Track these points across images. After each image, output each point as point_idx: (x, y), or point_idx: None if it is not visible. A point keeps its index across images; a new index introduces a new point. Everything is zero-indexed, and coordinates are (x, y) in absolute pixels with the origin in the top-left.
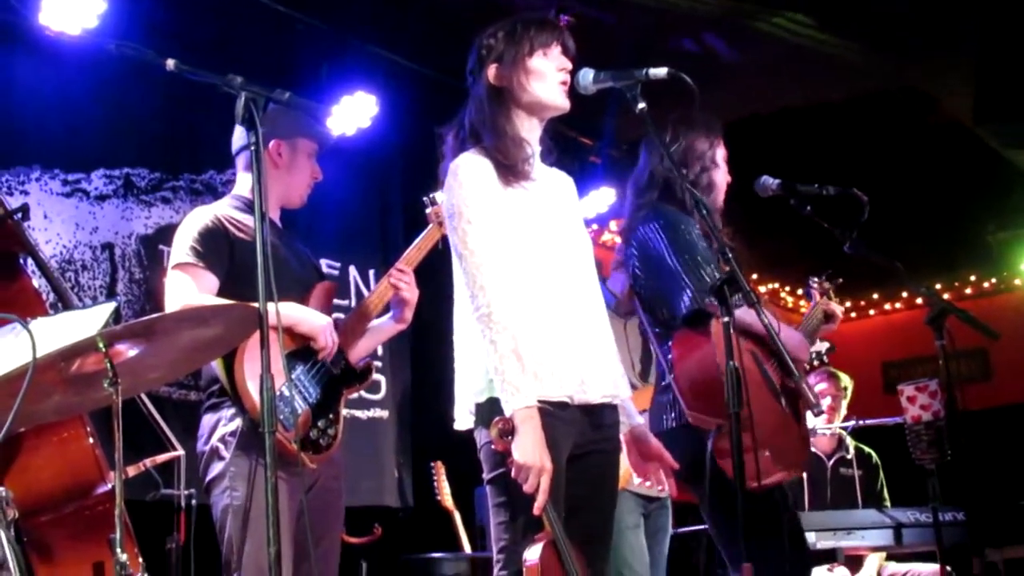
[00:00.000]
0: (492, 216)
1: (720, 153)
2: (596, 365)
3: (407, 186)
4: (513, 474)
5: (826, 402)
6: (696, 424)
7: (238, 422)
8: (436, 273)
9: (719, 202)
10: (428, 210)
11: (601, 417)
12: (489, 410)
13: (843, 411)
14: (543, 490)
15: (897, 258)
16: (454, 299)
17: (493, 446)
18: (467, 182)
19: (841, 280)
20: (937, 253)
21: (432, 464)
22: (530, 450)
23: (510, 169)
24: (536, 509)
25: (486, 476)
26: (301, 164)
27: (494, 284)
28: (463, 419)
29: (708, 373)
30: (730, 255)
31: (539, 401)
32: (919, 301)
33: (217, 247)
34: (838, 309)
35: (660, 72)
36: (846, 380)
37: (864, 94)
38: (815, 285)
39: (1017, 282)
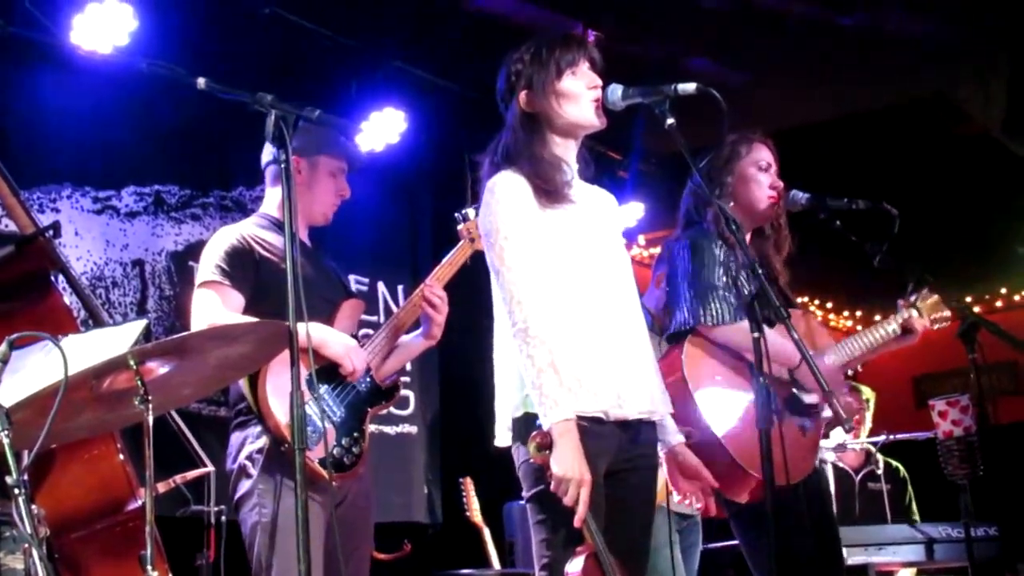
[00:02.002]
0: (529, 233)
1: (752, 161)
2: (633, 381)
3: (436, 201)
4: (552, 487)
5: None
6: None
7: (265, 440)
8: (466, 289)
9: (754, 208)
10: (460, 226)
11: (638, 433)
12: (525, 425)
13: (868, 424)
14: (583, 502)
15: (927, 271)
16: (494, 318)
17: (531, 460)
18: (504, 199)
19: (937, 297)
20: (967, 266)
21: (461, 480)
22: (569, 462)
23: (551, 193)
24: (577, 521)
25: (525, 494)
26: (322, 181)
27: (531, 299)
28: (503, 436)
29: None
30: (759, 270)
31: (576, 415)
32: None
33: (243, 265)
34: (920, 325)
35: (689, 87)
36: (868, 393)
37: (893, 105)
38: (903, 300)
39: None
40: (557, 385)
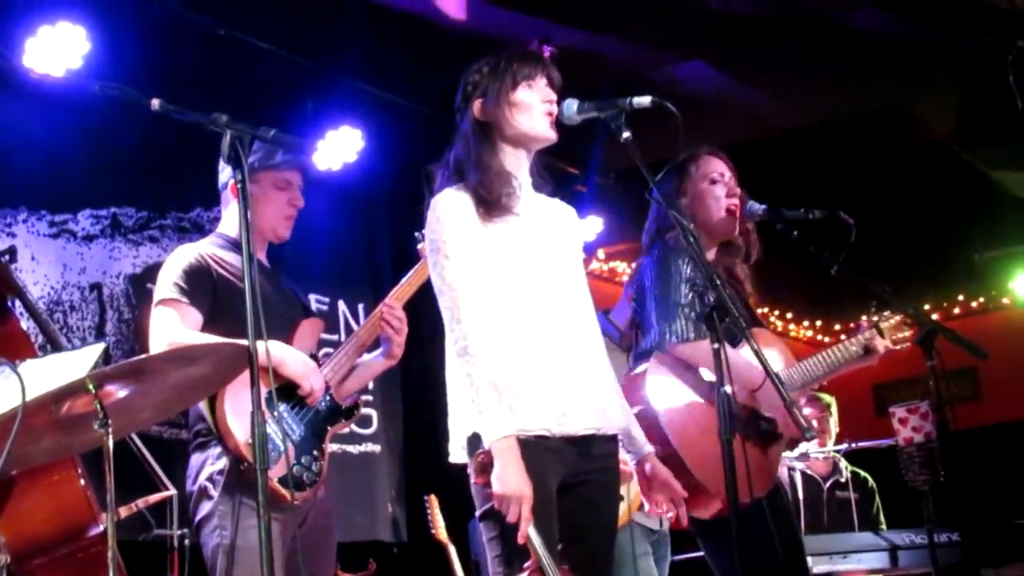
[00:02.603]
0: (471, 251)
1: (702, 176)
2: (581, 396)
3: (395, 220)
4: (495, 506)
5: (814, 424)
6: None
7: (225, 460)
8: (428, 307)
9: (712, 224)
10: (419, 245)
11: (590, 448)
12: (474, 445)
13: (833, 431)
14: (524, 518)
15: (885, 279)
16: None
17: (474, 480)
18: (445, 217)
19: (900, 318)
20: (925, 273)
21: (425, 498)
22: (508, 480)
23: (492, 204)
24: (520, 538)
25: (477, 512)
26: (268, 197)
27: (471, 317)
28: (456, 453)
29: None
30: (719, 283)
31: (518, 432)
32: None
33: (201, 284)
34: (881, 345)
35: (644, 101)
36: (828, 399)
37: (848, 116)
38: (866, 320)
39: (1005, 301)
40: (496, 403)
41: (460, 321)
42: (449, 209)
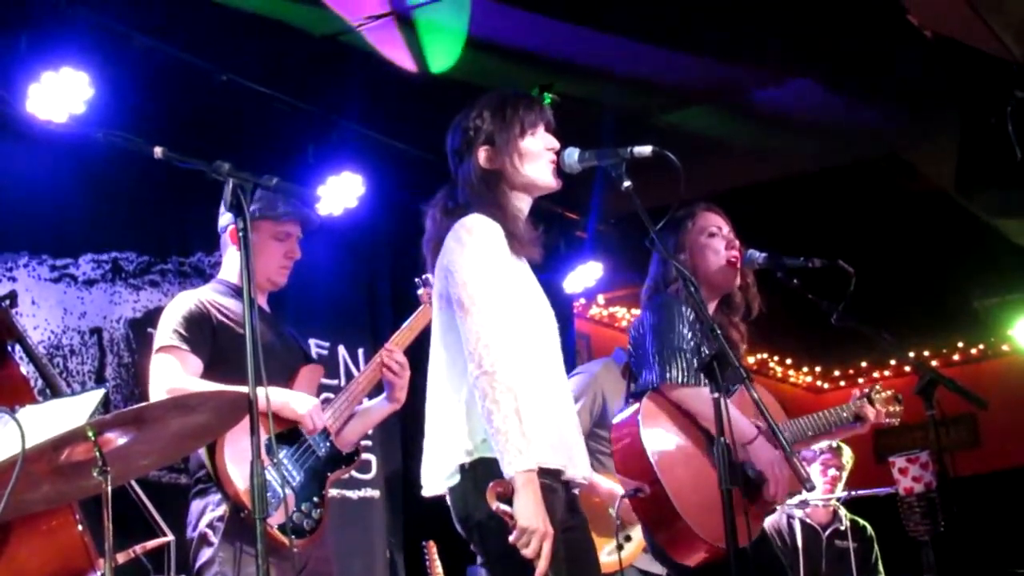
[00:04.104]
0: (500, 277)
1: (700, 230)
2: (579, 444)
3: (396, 265)
4: (513, 538)
5: (831, 472)
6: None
7: (224, 507)
8: (427, 354)
9: (712, 276)
10: (420, 291)
11: (575, 497)
12: (480, 472)
13: (843, 484)
14: (545, 556)
15: (884, 325)
16: (431, 360)
17: (493, 508)
18: (481, 238)
19: (891, 393)
20: (924, 320)
21: (424, 543)
22: (533, 513)
23: (518, 239)
24: (538, 575)
25: (482, 554)
26: (263, 246)
27: (499, 343)
28: (434, 484)
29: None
30: (718, 332)
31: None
32: (908, 369)
33: (201, 330)
34: (871, 414)
35: (644, 150)
36: (848, 454)
37: (847, 165)
38: (857, 389)
39: (1004, 348)
40: (521, 434)
41: (488, 346)
42: (484, 232)
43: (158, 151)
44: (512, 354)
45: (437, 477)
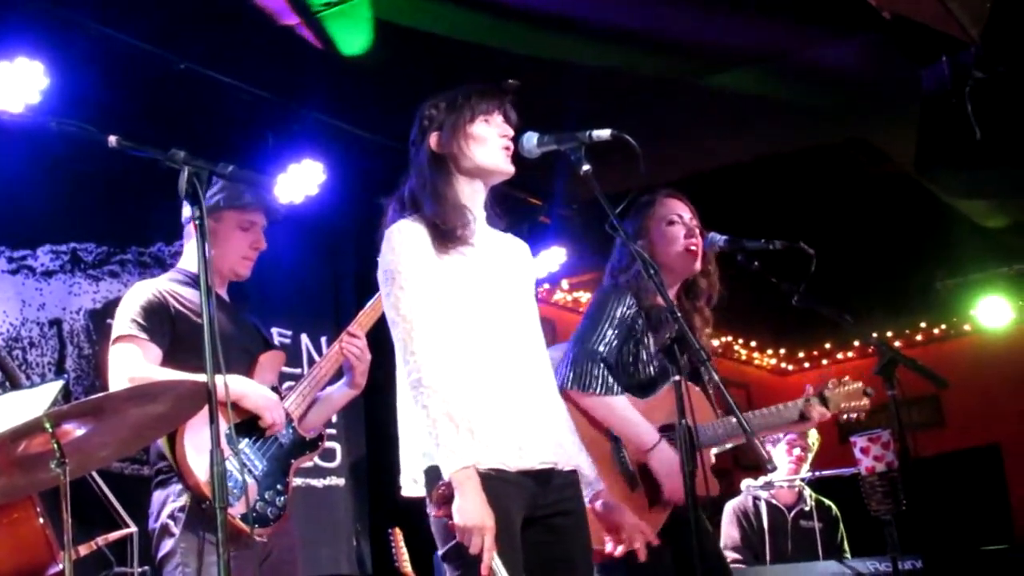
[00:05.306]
0: (426, 282)
1: (660, 218)
2: (536, 430)
3: (358, 252)
4: (457, 537)
5: (796, 452)
6: None
7: (186, 498)
8: (390, 339)
9: (671, 263)
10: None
11: (550, 480)
12: (432, 478)
13: (808, 465)
14: (487, 549)
15: (847, 307)
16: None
17: (434, 514)
18: (400, 247)
19: (859, 386)
20: (887, 301)
21: (390, 531)
22: (469, 511)
23: (447, 234)
24: (483, 569)
25: (440, 550)
26: (229, 236)
27: (425, 349)
28: (409, 486)
29: None
30: (678, 315)
31: (477, 465)
32: (871, 349)
33: (159, 319)
34: (817, 414)
35: (603, 134)
36: (814, 435)
37: (808, 147)
38: (813, 389)
39: (967, 328)
40: (453, 434)
41: (414, 353)
42: (405, 239)
43: (112, 139)
44: (442, 357)
45: (407, 480)
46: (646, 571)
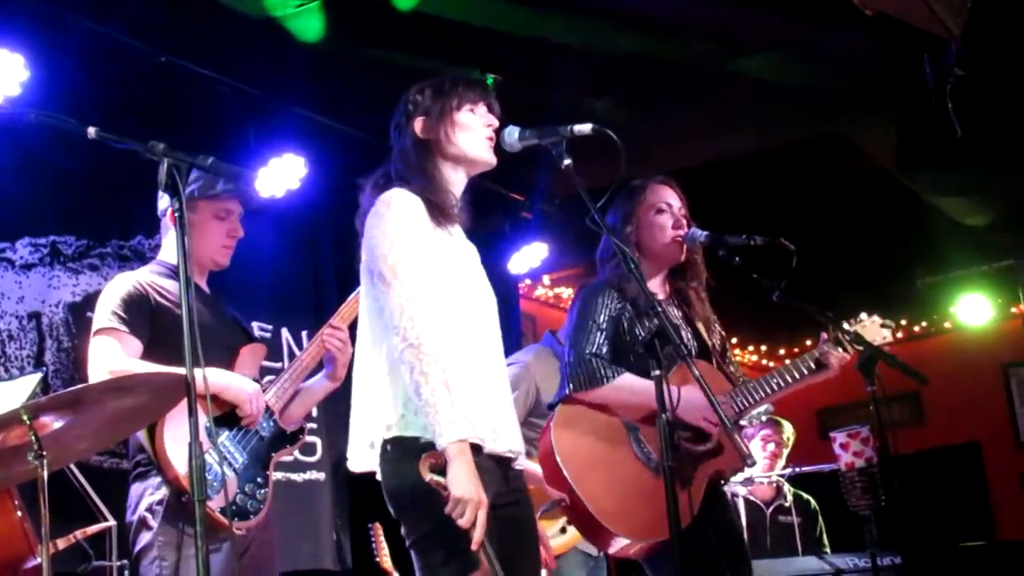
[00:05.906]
0: (421, 249)
1: (649, 205)
2: (505, 417)
3: (339, 246)
4: (448, 509)
5: (770, 447)
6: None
7: (165, 491)
8: None
9: (657, 251)
10: None
11: (508, 470)
12: (408, 447)
13: (783, 460)
14: (480, 524)
15: (828, 304)
16: (358, 336)
17: (426, 482)
18: (400, 212)
19: (876, 320)
20: (867, 298)
21: (370, 525)
22: (467, 483)
23: (440, 210)
24: (474, 544)
25: (412, 537)
26: (206, 226)
27: (424, 315)
28: (361, 459)
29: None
30: (659, 309)
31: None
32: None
33: (140, 312)
34: (836, 360)
35: (585, 128)
36: (789, 430)
37: (790, 144)
38: (828, 334)
39: (947, 325)
40: (451, 405)
41: (413, 319)
42: (404, 205)
43: (92, 131)
44: (437, 325)
45: (359, 452)
46: (693, 549)
